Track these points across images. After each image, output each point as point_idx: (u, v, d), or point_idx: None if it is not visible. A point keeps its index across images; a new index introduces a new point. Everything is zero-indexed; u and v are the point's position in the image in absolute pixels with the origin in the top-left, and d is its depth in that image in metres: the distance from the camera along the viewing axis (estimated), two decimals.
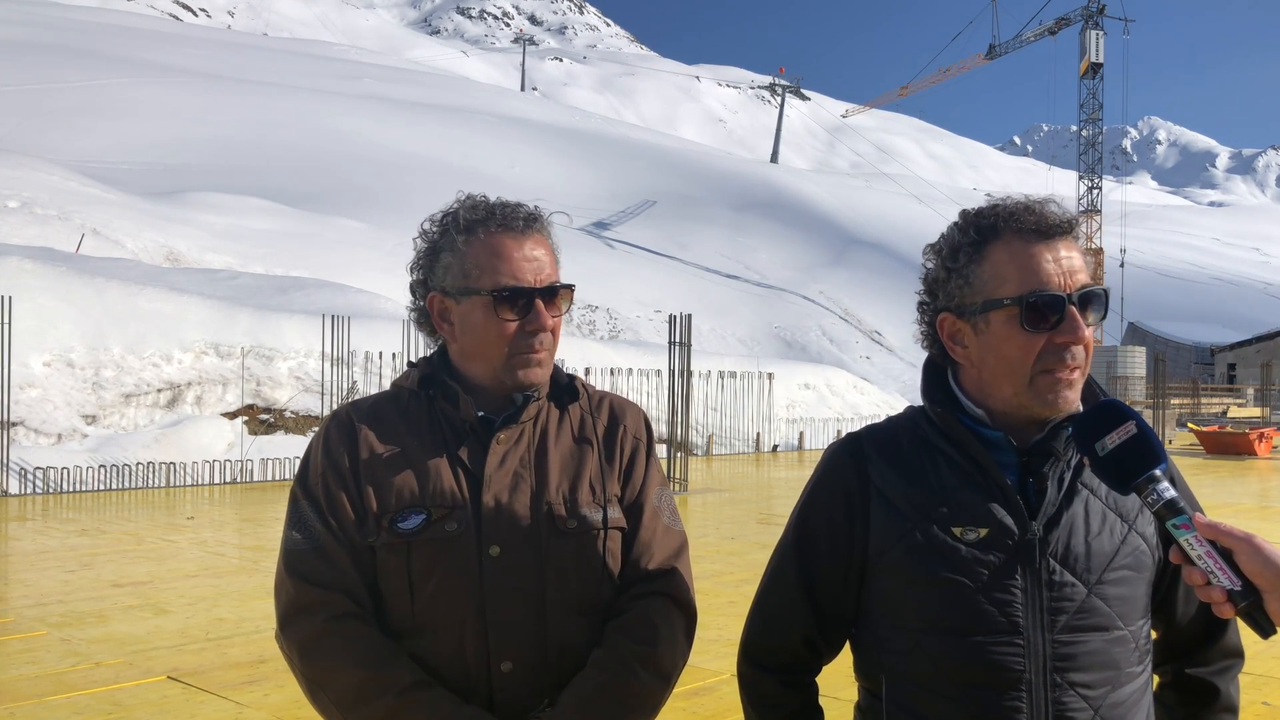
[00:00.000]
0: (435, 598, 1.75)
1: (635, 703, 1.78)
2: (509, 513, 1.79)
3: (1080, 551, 1.58)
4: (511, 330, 1.81)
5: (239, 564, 9.23)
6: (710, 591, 7.68)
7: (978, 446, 1.62)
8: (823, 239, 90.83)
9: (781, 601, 1.73)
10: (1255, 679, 5.71)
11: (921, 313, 1.73)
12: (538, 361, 1.84)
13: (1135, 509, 1.63)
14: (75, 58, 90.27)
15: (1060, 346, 1.58)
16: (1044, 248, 1.60)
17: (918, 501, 1.62)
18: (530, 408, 1.87)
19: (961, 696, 1.56)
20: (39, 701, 5.16)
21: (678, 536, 1.93)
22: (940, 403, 1.68)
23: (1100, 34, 66.71)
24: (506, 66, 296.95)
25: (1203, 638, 1.70)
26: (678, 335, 16.17)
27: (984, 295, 1.61)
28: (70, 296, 17.79)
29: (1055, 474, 1.62)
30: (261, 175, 64.94)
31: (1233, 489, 17.22)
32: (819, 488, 1.73)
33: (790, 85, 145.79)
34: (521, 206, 1.87)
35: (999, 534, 1.58)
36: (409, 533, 1.76)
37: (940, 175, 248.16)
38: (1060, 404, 1.59)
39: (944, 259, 1.67)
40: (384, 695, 1.68)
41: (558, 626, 1.79)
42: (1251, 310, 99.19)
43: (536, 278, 1.82)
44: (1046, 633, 1.55)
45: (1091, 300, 1.60)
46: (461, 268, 1.83)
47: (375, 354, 19.47)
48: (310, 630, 1.73)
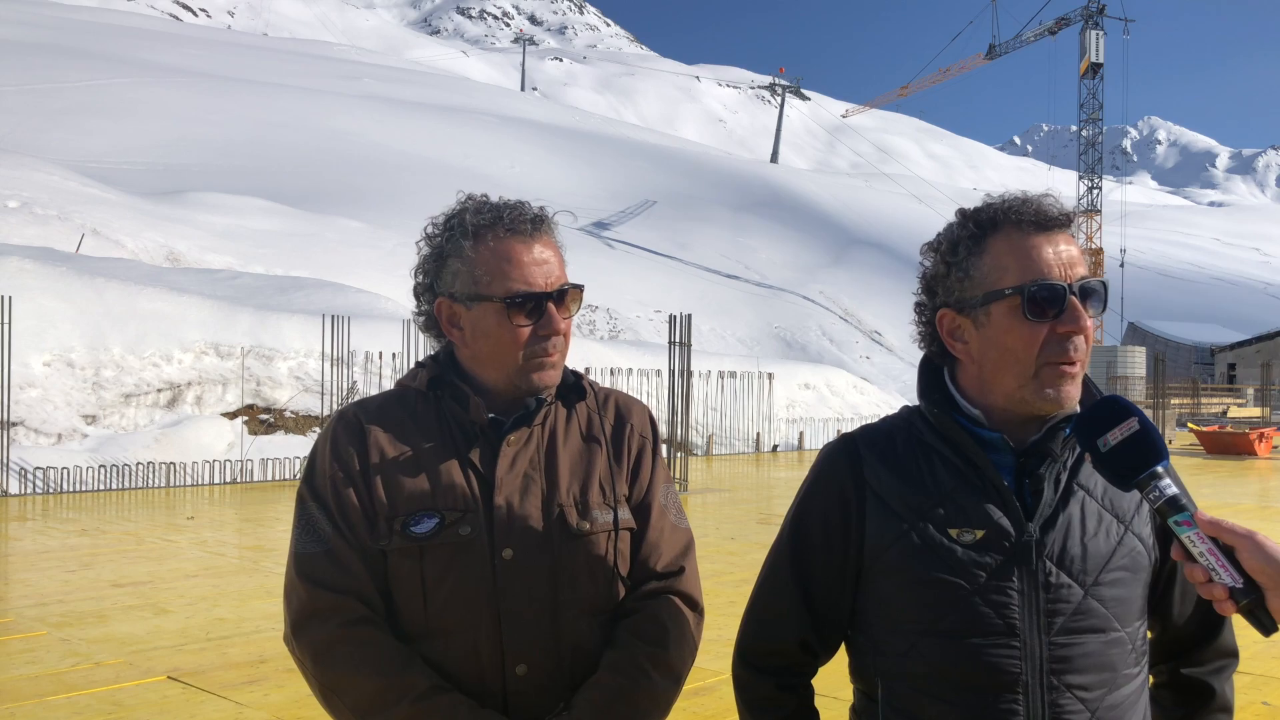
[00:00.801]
0: (449, 602, 1.74)
1: (648, 704, 1.77)
2: (521, 516, 1.78)
3: (1076, 553, 1.57)
4: (525, 335, 1.80)
5: (239, 564, 9.22)
6: (710, 591, 7.67)
7: (974, 447, 1.61)
8: (823, 239, 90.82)
9: (776, 604, 1.72)
10: (1255, 679, 5.71)
11: (919, 312, 1.73)
12: (551, 365, 1.83)
13: (1132, 510, 1.62)
14: (75, 58, 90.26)
15: (1062, 337, 1.57)
16: (1043, 239, 1.60)
17: (913, 502, 1.62)
18: (543, 410, 1.86)
19: (958, 699, 1.56)
20: (39, 701, 5.16)
21: (685, 534, 1.93)
22: (937, 403, 1.67)
23: (1100, 34, 66.73)
24: (506, 66, 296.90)
25: (1199, 638, 1.70)
26: (678, 335, 16.17)
27: (984, 288, 1.61)
28: (70, 296, 17.79)
29: (1051, 475, 1.61)
30: (261, 175, 64.93)
31: (1233, 489, 17.22)
32: (813, 489, 1.72)
33: (790, 85, 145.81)
34: (526, 207, 1.84)
35: (995, 535, 1.57)
36: (422, 537, 1.74)
37: (940, 175, 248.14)
38: (1062, 398, 1.59)
39: (943, 254, 1.67)
40: (401, 701, 1.66)
41: (571, 628, 1.78)
42: (1251, 310, 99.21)
43: (547, 281, 1.81)
44: (1043, 634, 1.55)
45: (1090, 293, 1.60)
46: (471, 274, 1.80)
47: (375, 354, 19.47)
48: (324, 636, 1.71)
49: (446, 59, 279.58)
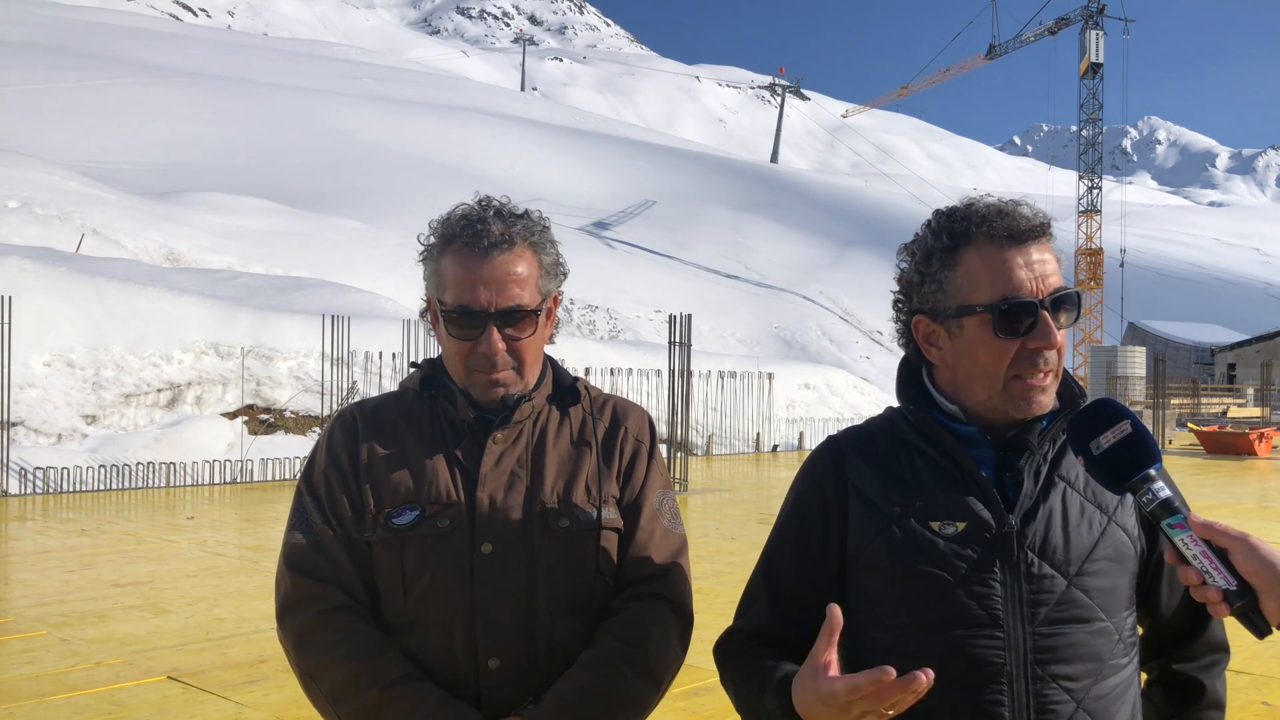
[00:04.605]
0: (427, 593, 1.78)
1: (620, 704, 1.78)
2: (502, 511, 1.81)
3: (1058, 543, 1.58)
4: (465, 350, 1.83)
5: (239, 564, 9.22)
6: (710, 591, 7.67)
7: (953, 442, 1.63)
8: (823, 239, 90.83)
9: (750, 594, 1.76)
10: (1255, 679, 5.71)
11: (896, 310, 1.75)
12: (495, 382, 1.84)
13: (1115, 501, 1.63)
14: (75, 58, 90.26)
15: (1033, 352, 1.59)
16: (1016, 253, 1.61)
17: (895, 498, 1.63)
18: (524, 408, 1.87)
19: (942, 691, 1.55)
20: (39, 701, 5.16)
21: (677, 539, 1.93)
22: (914, 400, 1.69)
23: (1100, 34, 66.72)
24: (506, 66, 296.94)
25: (1187, 631, 1.70)
26: (678, 335, 16.18)
27: (957, 300, 1.63)
28: (70, 296, 17.79)
29: (1031, 467, 1.63)
30: (261, 175, 64.91)
31: (1233, 489, 17.22)
32: (798, 490, 1.75)
33: (790, 85, 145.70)
34: (492, 226, 1.81)
35: (976, 528, 1.59)
36: (402, 528, 1.79)
37: (940, 175, 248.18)
38: (1033, 408, 1.61)
39: (917, 262, 1.68)
40: (371, 687, 1.70)
41: (547, 625, 1.79)
42: (1251, 310, 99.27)
43: (493, 299, 1.80)
44: (1026, 625, 1.56)
45: (1064, 303, 1.61)
46: (435, 282, 1.85)
47: (375, 354, 19.47)
48: (304, 623, 1.77)
49: (446, 59, 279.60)
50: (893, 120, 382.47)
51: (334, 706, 1.73)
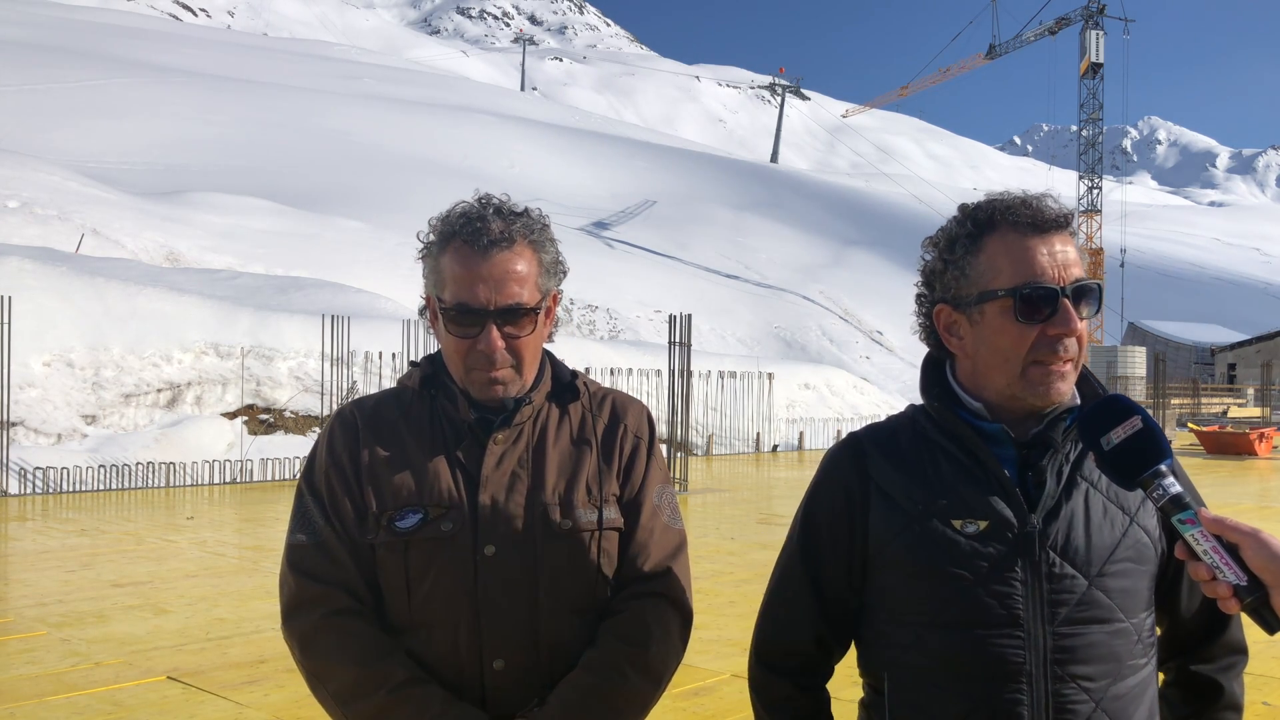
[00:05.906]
0: (431, 596, 1.78)
1: (624, 704, 1.79)
2: (504, 513, 1.81)
3: (1080, 544, 1.58)
4: (465, 347, 1.82)
5: (239, 564, 9.22)
6: (710, 591, 7.67)
7: (976, 440, 1.63)
8: (823, 239, 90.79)
9: (791, 601, 1.74)
10: (1255, 679, 5.71)
11: (919, 304, 1.75)
12: (494, 380, 1.84)
13: (1137, 502, 1.63)
14: (75, 58, 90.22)
15: (1053, 338, 1.59)
16: (1039, 241, 1.62)
17: (917, 496, 1.63)
18: (524, 410, 1.87)
19: (962, 690, 1.57)
20: (39, 701, 5.16)
21: (677, 535, 1.93)
22: (938, 398, 1.69)
23: (1100, 34, 66.65)
24: (506, 66, 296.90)
25: (1206, 632, 1.70)
26: (678, 335, 16.18)
27: (979, 287, 1.63)
28: (70, 296, 17.78)
29: (1054, 467, 1.62)
30: (261, 175, 64.88)
31: (1233, 489, 17.21)
32: (820, 487, 1.74)
33: (790, 85, 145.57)
34: (491, 224, 1.81)
35: (998, 526, 1.58)
36: (406, 532, 1.78)
37: (940, 175, 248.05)
38: (1052, 394, 1.60)
39: (941, 251, 1.69)
40: (378, 690, 1.71)
41: (550, 626, 1.80)
42: (1251, 310, 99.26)
43: (492, 297, 1.80)
44: (1047, 625, 1.56)
45: (1085, 294, 1.61)
46: (434, 278, 1.85)
47: (375, 354, 19.47)
48: (309, 625, 1.77)
49: (446, 59, 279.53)
50: (893, 120, 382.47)
51: (341, 709, 1.74)
